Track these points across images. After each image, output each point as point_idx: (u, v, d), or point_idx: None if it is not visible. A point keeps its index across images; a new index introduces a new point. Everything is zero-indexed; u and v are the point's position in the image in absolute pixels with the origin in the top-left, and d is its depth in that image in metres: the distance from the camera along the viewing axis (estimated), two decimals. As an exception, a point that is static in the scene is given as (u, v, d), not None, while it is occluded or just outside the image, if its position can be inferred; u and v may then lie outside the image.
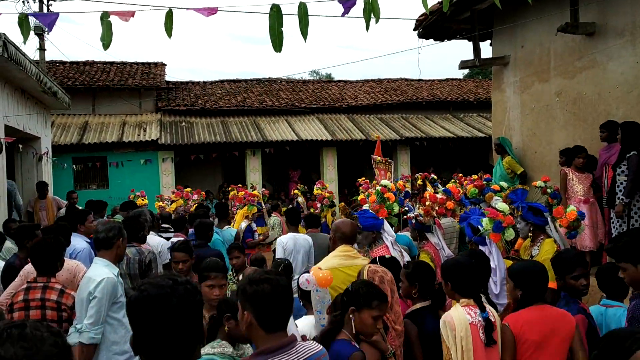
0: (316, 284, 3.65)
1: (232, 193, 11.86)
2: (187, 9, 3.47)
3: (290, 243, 6.44)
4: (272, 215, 9.94)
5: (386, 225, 5.11)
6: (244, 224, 8.35)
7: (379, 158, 11.36)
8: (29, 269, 4.62)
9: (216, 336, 2.99)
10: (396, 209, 6.31)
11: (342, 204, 11.55)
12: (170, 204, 10.54)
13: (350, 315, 3.02)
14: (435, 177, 13.26)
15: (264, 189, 13.40)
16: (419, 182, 11.84)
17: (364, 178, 12.26)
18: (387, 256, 4.15)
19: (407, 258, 4.96)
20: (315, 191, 12.34)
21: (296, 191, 13.23)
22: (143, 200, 10.40)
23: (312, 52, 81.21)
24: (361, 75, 42.54)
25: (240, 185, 13.53)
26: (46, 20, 3.75)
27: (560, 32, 7.40)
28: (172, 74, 36.90)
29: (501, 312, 4.01)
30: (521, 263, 3.75)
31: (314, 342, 2.42)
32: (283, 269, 4.94)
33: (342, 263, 4.20)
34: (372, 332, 3.05)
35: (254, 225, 8.65)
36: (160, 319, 1.69)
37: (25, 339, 1.32)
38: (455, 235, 6.34)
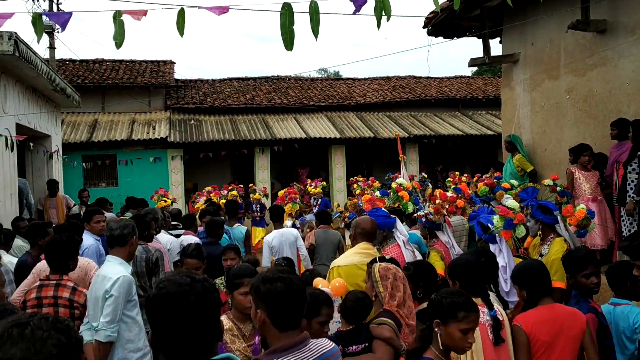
0: (332, 295, 3.66)
1: (231, 193, 11.88)
2: (199, 7, 3.47)
3: (276, 241, 6.66)
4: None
5: (399, 224, 5.09)
6: (289, 222, 8.42)
7: (405, 159, 11.47)
8: (41, 267, 4.66)
9: None
10: (410, 208, 6.31)
11: (355, 201, 11.57)
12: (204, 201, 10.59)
13: (436, 329, 2.67)
14: (426, 176, 13.24)
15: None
16: None
17: (359, 175, 12.28)
18: (387, 257, 4.12)
19: (418, 257, 4.96)
20: (311, 190, 12.36)
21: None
22: (166, 201, 10.45)
23: (321, 49, 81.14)
24: (370, 72, 42.60)
25: (241, 185, 13.58)
26: (59, 20, 3.77)
27: (571, 29, 7.36)
28: (181, 72, 37.08)
29: (512, 309, 4.00)
30: (520, 264, 3.72)
31: (327, 340, 2.42)
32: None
33: (363, 261, 4.17)
34: (462, 347, 2.66)
35: (297, 222, 8.71)
36: (178, 316, 1.71)
37: (24, 340, 1.32)
38: (464, 233, 6.33)
